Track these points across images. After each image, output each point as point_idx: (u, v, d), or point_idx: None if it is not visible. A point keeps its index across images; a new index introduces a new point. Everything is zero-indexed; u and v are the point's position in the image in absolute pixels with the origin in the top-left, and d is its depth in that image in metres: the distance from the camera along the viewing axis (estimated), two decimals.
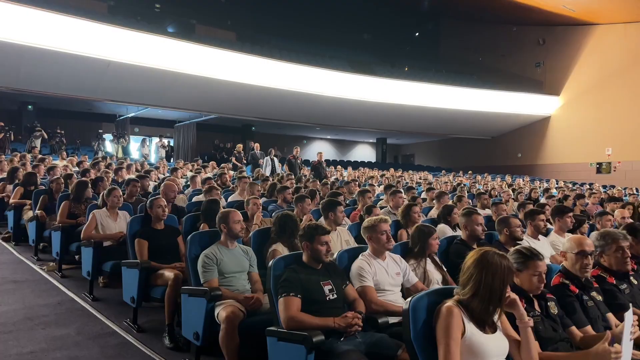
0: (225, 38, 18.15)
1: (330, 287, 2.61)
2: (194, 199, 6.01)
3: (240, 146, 14.30)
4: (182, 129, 19.74)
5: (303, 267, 2.65)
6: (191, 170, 10.41)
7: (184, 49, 14.07)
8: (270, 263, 2.66)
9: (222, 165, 12.17)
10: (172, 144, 19.51)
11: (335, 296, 2.61)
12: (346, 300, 2.74)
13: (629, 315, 1.91)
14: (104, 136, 16.24)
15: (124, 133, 17.76)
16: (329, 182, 8.64)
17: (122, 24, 13.61)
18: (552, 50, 20.92)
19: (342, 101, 17.05)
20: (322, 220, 4.05)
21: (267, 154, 12.74)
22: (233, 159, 13.81)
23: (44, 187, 6.37)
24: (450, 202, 5.59)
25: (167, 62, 13.65)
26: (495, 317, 1.99)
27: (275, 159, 12.47)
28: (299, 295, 2.48)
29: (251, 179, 7.98)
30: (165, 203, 4.08)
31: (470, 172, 17.89)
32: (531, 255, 2.28)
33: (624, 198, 9.99)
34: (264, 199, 6.16)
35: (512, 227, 3.77)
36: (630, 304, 2.16)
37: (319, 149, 25.37)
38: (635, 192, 12.98)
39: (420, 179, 14.67)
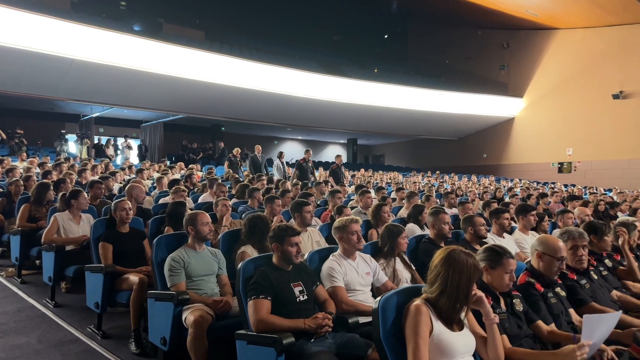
0: (194, 37, 17.88)
1: (300, 288, 2.60)
2: (161, 201, 5.88)
3: (237, 150, 13.04)
4: (148, 129, 19.32)
5: (273, 268, 2.63)
6: (158, 172, 10.20)
7: (151, 47, 13.77)
8: (240, 265, 2.63)
9: (190, 166, 11.96)
10: (142, 143, 19.02)
11: (305, 297, 2.60)
12: (317, 301, 2.73)
13: (587, 319, 1.97)
14: (67, 137, 15.71)
15: (88, 133, 17.24)
16: (299, 183, 8.62)
17: (86, 21, 13.17)
18: (516, 53, 21.56)
19: (312, 102, 17.07)
20: (292, 221, 4.03)
21: (277, 157, 12.02)
22: (226, 164, 12.71)
23: (1, 190, 6.11)
24: (419, 202, 5.66)
25: (133, 60, 13.33)
26: (462, 315, 2.02)
27: (284, 162, 12.00)
28: (268, 298, 2.46)
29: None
30: (130, 205, 3.97)
31: (438, 172, 18.22)
32: (503, 254, 2.32)
33: (584, 196, 10.38)
34: (234, 200, 6.10)
35: (477, 225, 3.86)
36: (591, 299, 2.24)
37: (291, 149, 25.38)
38: (594, 190, 13.50)
39: (389, 179, 14.84)
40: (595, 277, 3.12)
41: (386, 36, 26.91)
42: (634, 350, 2.26)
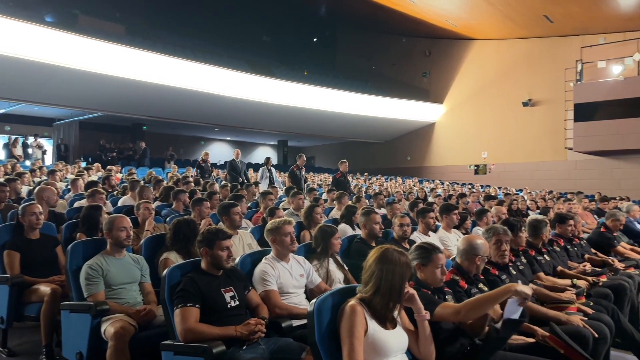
0: (113, 31, 16.85)
1: (231, 293, 2.51)
2: (76, 205, 5.46)
3: (206, 153, 11.48)
4: (62, 128, 17.94)
5: (202, 274, 2.51)
6: (72, 173, 9.49)
7: (65, 40, 12.76)
8: (165, 272, 2.48)
9: (109, 167, 11.25)
10: (62, 142, 17.59)
11: (237, 303, 2.51)
12: (249, 306, 2.65)
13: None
14: None
15: None
16: (228, 185, 8.40)
17: None
18: (437, 61, 22.69)
19: (241, 102, 16.76)
20: (221, 224, 3.89)
21: (264, 163, 10.78)
22: (195, 171, 11.29)
23: None
24: (350, 203, 5.75)
25: (44, 54, 12.26)
26: (395, 313, 2.05)
27: (273, 170, 10.72)
28: (197, 305, 2.35)
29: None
30: (41, 209, 3.63)
31: (366, 174, 18.69)
32: (432, 249, 2.41)
33: (499, 196, 11.11)
34: (157, 203, 5.81)
35: (404, 225, 4.01)
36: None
37: (218, 151, 24.78)
38: (507, 190, 14.52)
39: (320, 180, 14.98)
40: (514, 272, 3.32)
41: (315, 39, 27.18)
42: (551, 341, 2.42)
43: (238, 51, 20.84)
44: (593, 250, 5.05)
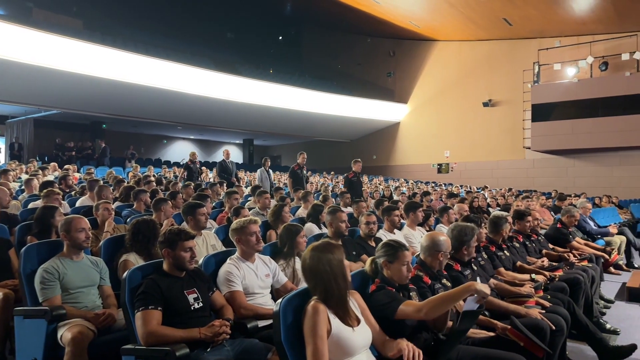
0: (70, 25, 16.23)
1: (195, 295, 2.45)
2: (30, 206, 5.22)
3: (194, 153, 10.53)
4: (15, 126, 17.13)
5: (164, 276, 2.44)
6: (27, 173, 9.08)
7: (17, 33, 12.17)
8: (126, 274, 2.40)
9: (66, 166, 10.82)
10: (16, 141, 16.76)
11: (201, 305, 2.46)
12: (213, 307, 2.61)
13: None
14: None
15: None
16: (191, 184, 8.23)
17: None
18: (401, 61, 23.04)
19: (205, 100, 16.47)
20: (184, 224, 3.81)
21: (260, 165, 9.87)
22: (182, 173, 10.43)
23: None
24: (316, 202, 5.74)
25: None
26: (355, 309, 2.05)
27: (270, 171, 10.09)
28: (159, 308, 2.28)
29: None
30: None
31: (332, 172, 18.76)
32: (399, 247, 2.43)
33: (461, 194, 11.40)
34: (118, 204, 5.63)
35: (370, 223, 4.04)
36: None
37: (182, 150, 24.31)
38: (469, 188, 14.91)
39: (286, 179, 14.90)
40: (475, 267, 3.41)
41: (280, 37, 27.04)
42: (511, 334, 2.49)
43: (201, 48, 20.45)
44: (550, 246, 5.26)
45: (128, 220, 4.52)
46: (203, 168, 13.23)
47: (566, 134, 16.79)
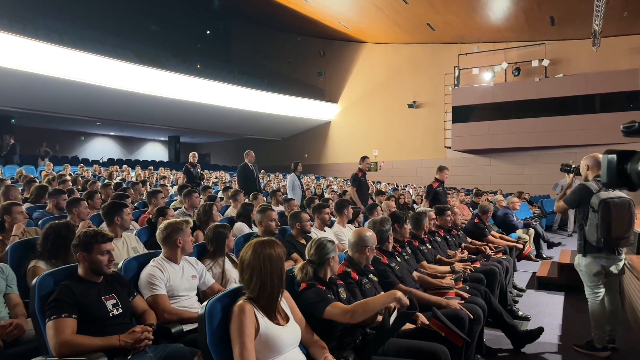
0: None
1: (114, 301, 2.32)
2: None
3: (194, 155, 9.34)
4: None
5: (78, 281, 2.28)
6: None
7: None
8: (35, 281, 2.21)
9: None
10: None
11: (120, 311, 2.32)
12: (135, 313, 2.47)
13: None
14: None
15: None
16: (112, 184, 7.79)
17: None
18: (331, 61, 23.38)
19: (127, 94, 15.62)
20: (103, 226, 3.58)
21: (292, 169, 8.71)
22: (182, 178, 9.32)
23: None
24: (246, 201, 5.67)
25: None
26: (285, 307, 2.06)
27: (301, 177, 8.89)
28: (73, 316, 2.13)
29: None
30: None
31: (263, 171, 18.59)
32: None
33: (388, 192, 11.78)
34: (28, 205, 5.18)
35: (303, 221, 4.04)
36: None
37: (101, 147, 22.96)
38: (396, 186, 15.45)
39: (216, 178, 14.57)
40: (400, 260, 3.54)
41: (208, 32, 26.33)
42: (434, 325, 2.60)
43: (123, 39, 19.33)
44: (469, 239, 5.59)
45: (40, 222, 4.19)
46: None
47: (483, 135, 17.96)
